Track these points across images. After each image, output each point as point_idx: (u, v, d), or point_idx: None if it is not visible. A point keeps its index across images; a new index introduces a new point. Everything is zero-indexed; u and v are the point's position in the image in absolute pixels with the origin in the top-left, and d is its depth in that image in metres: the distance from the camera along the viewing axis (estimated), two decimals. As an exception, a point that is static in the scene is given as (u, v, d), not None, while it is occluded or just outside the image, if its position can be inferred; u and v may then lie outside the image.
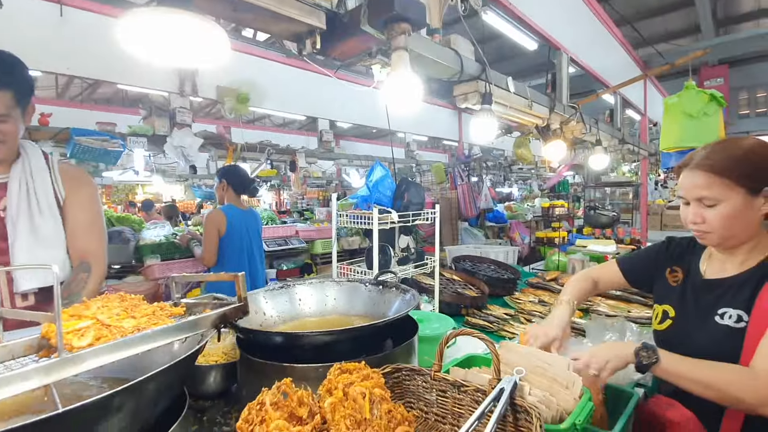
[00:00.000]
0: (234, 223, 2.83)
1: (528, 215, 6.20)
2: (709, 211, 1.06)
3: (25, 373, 0.59)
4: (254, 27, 1.09)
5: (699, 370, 1.00)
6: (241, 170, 3.18)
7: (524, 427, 0.86)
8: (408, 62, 1.21)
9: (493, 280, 2.60)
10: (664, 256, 1.31)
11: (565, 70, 2.93)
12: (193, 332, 0.76)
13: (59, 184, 1.39)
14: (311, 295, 1.53)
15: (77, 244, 1.40)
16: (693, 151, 1.12)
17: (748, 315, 1.04)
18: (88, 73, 3.34)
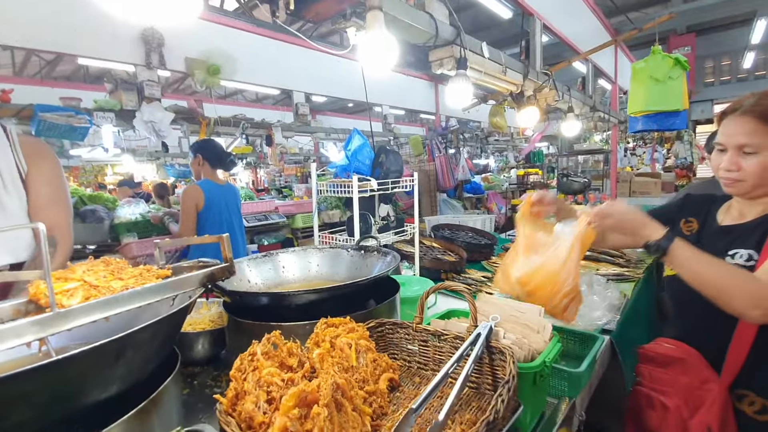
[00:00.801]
0: (212, 197, 2.79)
1: (504, 185, 6.34)
2: (746, 159, 1.03)
3: (18, 327, 0.60)
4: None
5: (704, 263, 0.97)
6: (216, 144, 3.11)
7: (499, 366, 0.94)
8: (383, 22, 1.20)
9: (471, 245, 2.68)
10: (679, 209, 1.31)
11: (539, 36, 2.96)
12: (182, 290, 0.78)
13: (21, 158, 1.34)
14: (294, 263, 1.56)
15: (41, 218, 1.36)
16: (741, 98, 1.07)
17: (758, 254, 1.02)
18: (48, 46, 3.15)
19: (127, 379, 0.70)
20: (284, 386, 0.75)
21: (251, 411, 0.69)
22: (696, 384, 1.05)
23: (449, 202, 5.12)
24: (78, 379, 0.62)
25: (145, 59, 3.60)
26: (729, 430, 1.02)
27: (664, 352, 1.12)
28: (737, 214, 1.15)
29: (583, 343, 1.37)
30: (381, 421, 0.87)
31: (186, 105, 4.89)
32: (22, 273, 0.68)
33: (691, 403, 1.05)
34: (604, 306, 1.50)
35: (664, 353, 1.11)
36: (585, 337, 1.34)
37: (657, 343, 1.17)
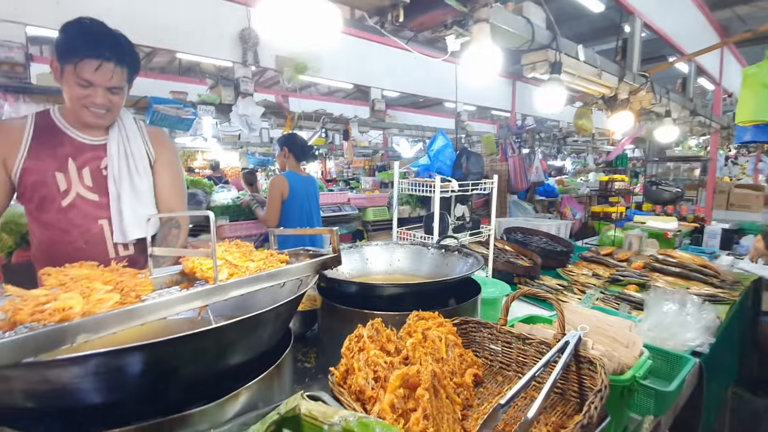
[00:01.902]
0: (295, 188, 3.01)
1: (582, 189, 5.99)
2: None
3: (189, 295, 0.75)
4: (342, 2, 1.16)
5: None
6: (300, 138, 3.34)
7: (587, 375, 0.95)
8: (489, 34, 1.23)
9: (546, 252, 2.62)
10: None
11: (638, 36, 2.76)
12: (304, 274, 0.90)
13: (150, 146, 1.54)
14: (379, 255, 1.66)
15: (165, 201, 1.56)
16: None
17: None
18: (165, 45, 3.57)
19: (261, 346, 0.83)
20: (387, 368, 0.84)
21: (362, 385, 0.78)
22: None
23: (520, 204, 4.97)
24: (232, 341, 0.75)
25: (242, 57, 3.94)
26: None
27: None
28: None
29: (671, 363, 1.31)
30: (468, 412, 0.93)
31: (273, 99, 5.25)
32: (194, 251, 0.83)
33: None
34: (697, 327, 1.42)
35: None
36: (674, 357, 1.29)
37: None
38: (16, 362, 0.52)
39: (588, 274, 2.44)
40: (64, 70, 1.27)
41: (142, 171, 1.50)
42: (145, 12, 3.34)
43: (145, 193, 1.50)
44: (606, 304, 1.90)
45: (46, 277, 0.79)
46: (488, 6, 1.20)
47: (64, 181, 1.37)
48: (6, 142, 1.32)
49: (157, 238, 1.52)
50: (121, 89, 1.39)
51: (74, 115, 1.37)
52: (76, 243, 1.40)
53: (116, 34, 1.35)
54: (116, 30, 1.36)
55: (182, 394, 0.77)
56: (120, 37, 1.36)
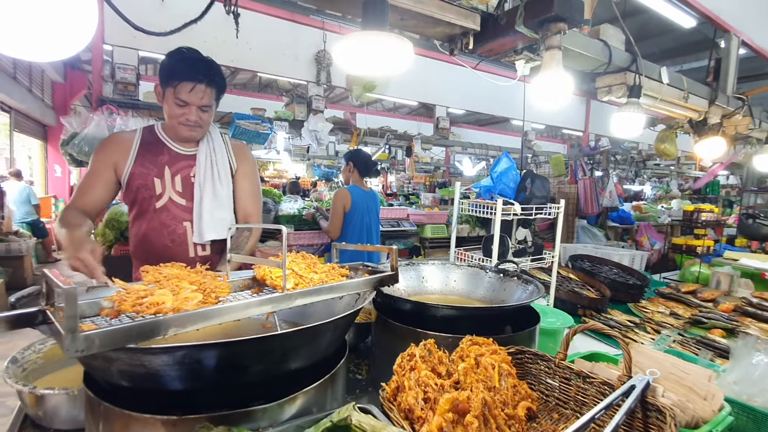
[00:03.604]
0: (357, 202, 3.12)
1: (662, 218, 5.48)
2: None
3: (260, 301, 0.82)
4: (414, 31, 1.22)
5: None
6: (365, 154, 3.46)
7: (654, 425, 0.88)
8: (560, 60, 1.22)
9: (616, 283, 2.45)
10: None
11: (734, 54, 2.50)
12: (364, 289, 0.95)
13: (233, 157, 1.72)
14: (435, 275, 1.67)
15: (242, 207, 1.72)
16: None
17: None
18: (249, 66, 3.94)
19: (319, 355, 0.88)
20: (437, 390, 0.85)
21: (412, 404, 0.80)
22: None
23: (589, 230, 4.67)
24: (294, 347, 0.81)
25: (316, 77, 4.21)
26: None
27: None
28: None
29: (759, 423, 1.16)
30: (518, 445, 0.90)
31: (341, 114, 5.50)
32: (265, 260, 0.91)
33: None
34: (799, 386, 1.24)
35: None
36: (763, 416, 1.14)
37: None
38: (121, 347, 0.62)
39: (665, 312, 2.23)
40: (165, 93, 1.47)
41: (224, 179, 1.67)
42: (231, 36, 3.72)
43: (225, 198, 1.66)
44: (684, 348, 1.73)
45: (144, 273, 0.91)
46: (561, 33, 1.19)
47: (160, 186, 1.57)
48: (119, 149, 1.55)
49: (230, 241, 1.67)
50: (210, 107, 1.57)
51: (173, 130, 1.57)
52: (164, 241, 1.58)
53: (208, 60, 1.53)
54: (207, 56, 1.54)
55: (248, 391, 0.84)
56: (211, 62, 1.54)
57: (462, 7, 1.11)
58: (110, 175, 1.55)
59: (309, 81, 4.24)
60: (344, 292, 0.91)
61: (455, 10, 1.11)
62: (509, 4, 1.23)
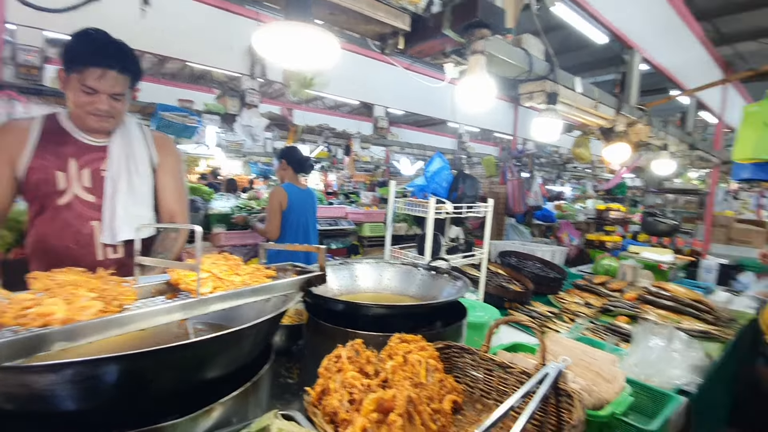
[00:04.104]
0: (294, 200, 3.03)
1: (579, 216, 6.01)
2: None
3: (171, 307, 0.76)
4: (344, 27, 1.20)
5: None
6: (298, 150, 3.37)
7: (565, 409, 0.95)
8: (484, 65, 1.27)
9: (539, 277, 2.62)
10: None
11: (637, 70, 2.81)
12: (288, 291, 0.91)
13: (153, 150, 1.57)
14: (368, 273, 1.67)
15: (166, 205, 1.59)
16: None
17: None
18: (172, 53, 3.65)
19: (238, 362, 0.83)
20: (363, 390, 0.84)
21: (336, 407, 0.78)
22: None
23: (517, 228, 4.98)
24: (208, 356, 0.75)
25: (250, 69, 4.02)
26: None
27: None
28: None
29: (656, 401, 1.30)
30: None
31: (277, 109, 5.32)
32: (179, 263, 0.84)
33: None
34: (684, 365, 1.41)
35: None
36: (659, 394, 1.28)
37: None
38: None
39: (580, 302, 2.43)
40: (69, 78, 1.31)
41: (143, 173, 1.52)
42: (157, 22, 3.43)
43: (144, 195, 1.52)
44: (595, 334, 1.90)
45: (32, 280, 0.80)
46: (485, 39, 1.24)
47: (63, 181, 1.39)
48: (14, 141, 1.36)
49: (156, 242, 1.54)
50: (124, 95, 1.43)
51: (80, 120, 1.41)
52: (66, 242, 1.41)
53: (118, 43, 1.39)
54: (119, 39, 1.40)
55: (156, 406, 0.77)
56: (122, 45, 1.40)
57: (392, 6, 1.12)
58: (5, 170, 1.35)
59: (242, 74, 4.04)
60: (268, 295, 0.87)
61: (385, 9, 1.11)
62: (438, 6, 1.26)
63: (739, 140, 2.76)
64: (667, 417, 1.17)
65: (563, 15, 4.00)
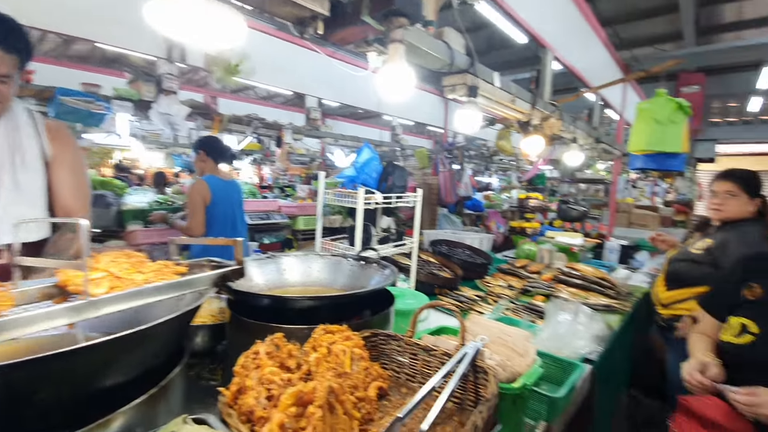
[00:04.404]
0: (218, 193, 2.85)
1: (504, 205, 6.42)
2: None
3: (53, 312, 0.67)
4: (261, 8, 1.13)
5: None
6: (218, 140, 3.18)
7: (482, 385, 1.00)
8: (403, 54, 1.28)
9: (467, 264, 2.75)
10: (737, 277, 1.26)
11: (549, 68, 3.05)
12: (198, 287, 0.85)
13: (45, 141, 1.39)
14: (296, 266, 1.63)
15: (62, 202, 1.41)
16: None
17: None
18: (72, 31, 3.24)
19: (140, 367, 0.76)
20: (283, 385, 0.81)
21: (252, 405, 0.75)
22: None
23: (449, 217, 5.19)
24: (101, 363, 0.68)
25: (167, 52, 3.70)
26: None
27: (715, 418, 1.03)
28: None
29: (565, 370, 1.43)
30: (368, 426, 0.93)
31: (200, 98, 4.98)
32: (61, 262, 0.75)
33: None
34: (588, 336, 1.56)
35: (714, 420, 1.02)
36: (567, 364, 1.41)
37: (705, 402, 1.08)
38: None
39: (503, 285, 2.59)
40: None
41: (31, 167, 1.34)
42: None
43: (32, 192, 1.34)
44: (515, 313, 2.03)
45: None
46: (403, 28, 1.26)
47: None
48: None
49: (48, 243, 1.37)
50: (10, 78, 1.24)
51: None
52: None
53: (5, 19, 1.20)
54: (5, 14, 1.22)
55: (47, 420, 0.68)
56: (8, 20, 1.21)
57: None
58: None
59: (158, 57, 3.71)
60: (174, 292, 0.80)
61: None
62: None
63: (633, 134, 3.12)
64: (573, 384, 1.29)
65: (486, 13, 4.19)
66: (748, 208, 1.88)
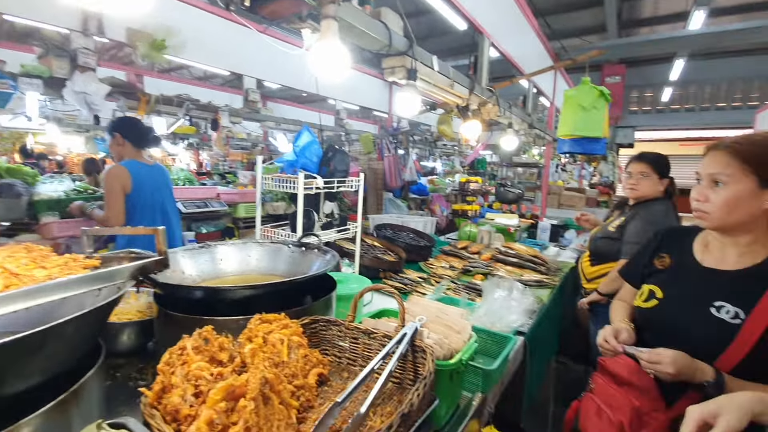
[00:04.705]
0: (140, 179, 2.59)
1: (448, 189, 6.62)
2: (714, 191, 1.09)
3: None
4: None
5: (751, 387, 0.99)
6: (137, 121, 2.90)
7: (421, 363, 1.03)
8: (336, 31, 1.24)
9: (411, 247, 2.80)
10: (652, 248, 1.33)
11: (486, 54, 3.14)
12: (111, 282, 0.78)
13: None
14: (233, 255, 1.56)
15: None
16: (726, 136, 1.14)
17: (746, 313, 1.03)
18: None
19: (47, 371, 0.69)
20: (213, 380, 0.77)
21: (177, 404, 0.71)
22: (645, 410, 1.08)
23: (395, 202, 5.24)
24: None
25: (82, 25, 3.31)
26: None
27: (625, 375, 1.12)
28: (719, 255, 1.16)
29: (500, 344, 1.51)
30: (308, 413, 0.92)
31: (124, 76, 4.56)
32: None
33: (636, 425, 1.07)
34: (520, 310, 1.66)
35: (625, 377, 1.12)
36: (501, 337, 1.49)
37: (617, 361, 1.16)
38: None
39: (445, 266, 2.68)
40: None
41: None
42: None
43: None
44: (455, 293, 2.11)
45: None
46: (335, 3, 1.21)
47: None
48: None
49: None
50: None
51: None
52: None
53: None
54: None
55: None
56: None
57: (234, -44, 1.00)
58: None
59: (72, 30, 3.30)
60: (83, 288, 0.72)
61: (224, -42, 0.99)
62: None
63: (561, 119, 3.33)
64: (506, 356, 1.36)
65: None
66: (659, 187, 2.08)
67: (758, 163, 1.04)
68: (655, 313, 1.19)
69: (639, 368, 1.09)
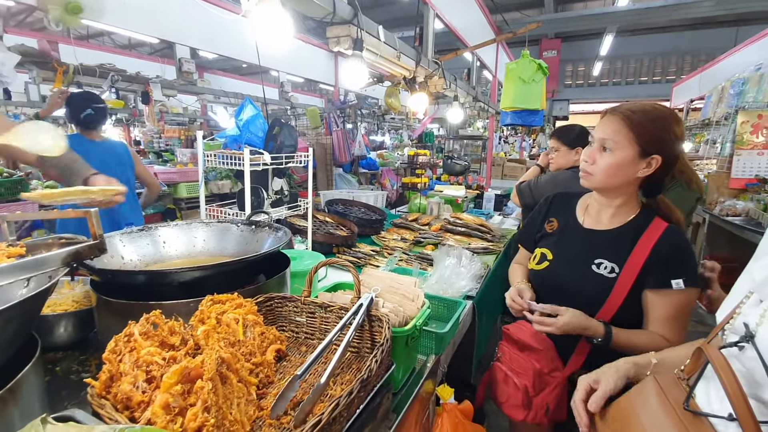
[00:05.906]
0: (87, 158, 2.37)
1: (397, 163, 6.66)
2: (601, 155, 1.16)
3: None
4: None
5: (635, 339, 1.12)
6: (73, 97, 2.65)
7: (377, 331, 1.06)
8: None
9: (363, 221, 2.82)
10: (542, 213, 1.43)
11: (432, 25, 3.13)
12: (39, 271, 0.72)
13: None
14: (177, 237, 1.48)
15: None
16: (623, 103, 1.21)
17: (620, 268, 1.15)
18: None
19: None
20: (166, 365, 0.75)
21: (129, 391, 0.68)
22: (545, 371, 1.20)
23: (345, 177, 5.20)
24: None
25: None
26: (562, 409, 1.18)
27: (526, 340, 1.22)
28: (596, 216, 1.28)
29: (451, 308, 1.59)
30: (268, 389, 0.93)
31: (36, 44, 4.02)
32: None
33: (538, 386, 1.20)
34: (468, 276, 1.75)
35: (526, 342, 1.22)
36: (452, 303, 1.57)
37: (520, 327, 1.26)
38: None
39: (397, 238, 2.73)
40: None
41: None
42: None
43: None
44: (408, 264, 2.17)
45: None
46: (275, -34, 1.15)
47: None
48: None
49: None
50: None
51: None
52: None
53: None
54: None
55: None
56: None
57: None
58: None
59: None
60: (6, 279, 0.66)
61: None
62: None
63: (503, 92, 3.44)
64: (457, 319, 1.44)
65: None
66: (573, 157, 2.21)
67: (643, 133, 1.11)
68: (547, 274, 1.30)
69: (536, 332, 1.20)
